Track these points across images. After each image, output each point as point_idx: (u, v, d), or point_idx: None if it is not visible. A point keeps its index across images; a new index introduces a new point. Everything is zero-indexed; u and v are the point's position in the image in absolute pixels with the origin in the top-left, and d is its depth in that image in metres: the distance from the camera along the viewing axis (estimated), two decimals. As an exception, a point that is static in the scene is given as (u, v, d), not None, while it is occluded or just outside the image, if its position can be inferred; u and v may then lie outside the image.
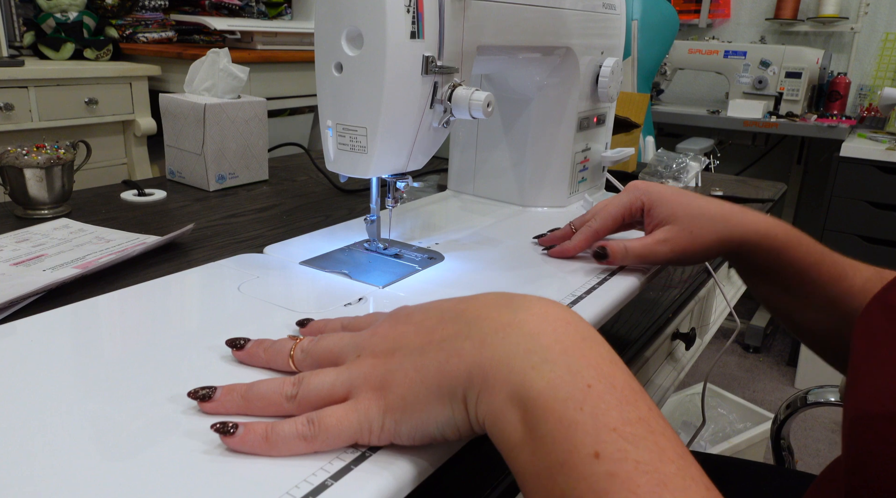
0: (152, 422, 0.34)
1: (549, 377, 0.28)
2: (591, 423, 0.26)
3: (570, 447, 0.26)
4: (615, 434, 0.26)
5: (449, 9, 0.52)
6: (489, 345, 0.30)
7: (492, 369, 0.29)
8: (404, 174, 0.57)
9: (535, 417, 0.27)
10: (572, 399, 0.27)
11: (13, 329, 0.44)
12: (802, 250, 0.53)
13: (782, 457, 0.88)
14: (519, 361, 0.29)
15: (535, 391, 0.28)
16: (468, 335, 0.31)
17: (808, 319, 0.56)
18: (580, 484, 0.25)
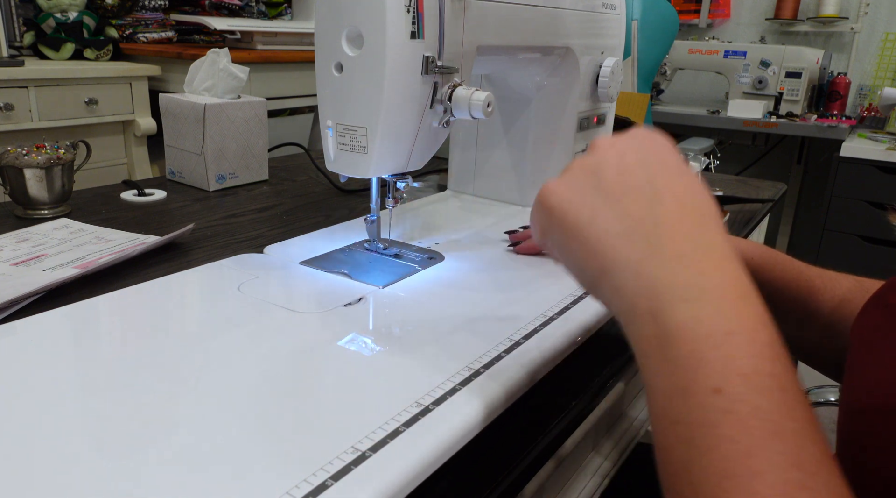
0: (153, 421, 0.34)
1: (695, 312, 0.29)
2: (720, 362, 0.27)
3: (694, 377, 0.27)
4: (741, 379, 0.27)
5: (449, 9, 0.52)
6: (657, 258, 0.30)
7: (647, 278, 0.30)
8: (404, 174, 0.57)
9: (669, 341, 0.28)
10: (711, 338, 0.28)
11: (13, 329, 0.44)
12: (779, 269, 0.54)
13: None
14: (675, 289, 0.29)
15: (676, 321, 0.29)
16: (647, 236, 0.31)
17: (792, 332, 0.58)
18: (695, 412, 0.26)
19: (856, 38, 2.55)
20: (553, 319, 0.49)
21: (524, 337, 0.46)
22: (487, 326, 0.47)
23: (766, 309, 0.30)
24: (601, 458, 0.59)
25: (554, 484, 0.49)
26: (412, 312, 0.50)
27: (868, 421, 0.32)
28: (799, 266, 0.55)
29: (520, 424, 0.41)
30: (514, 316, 0.49)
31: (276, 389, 0.38)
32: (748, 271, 0.31)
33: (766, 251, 0.56)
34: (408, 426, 0.35)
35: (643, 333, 0.30)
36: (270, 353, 0.42)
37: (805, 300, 0.54)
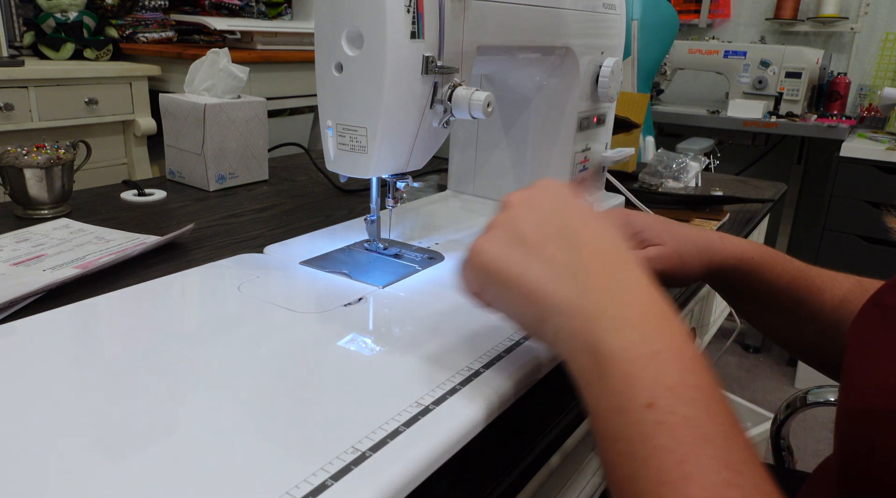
0: (152, 422, 0.34)
1: (623, 339, 0.32)
2: (650, 380, 0.30)
3: (628, 396, 0.30)
4: (670, 392, 0.29)
5: (449, 9, 0.52)
6: (586, 297, 0.34)
7: (580, 317, 0.34)
8: (404, 174, 0.57)
9: (604, 367, 0.32)
10: (639, 359, 0.31)
11: (13, 329, 0.44)
12: (779, 269, 0.55)
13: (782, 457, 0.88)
14: (605, 321, 0.33)
15: (609, 349, 0.32)
16: (574, 276, 0.35)
17: (792, 332, 0.58)
18: (632, 427, 0.29)
19: (856, 38, 2.55)
20: (553, 319, 0.49)
21: (524, 336, 0.46)
22: (487, 325, 0.47)
23: (686, 327, 0.34)
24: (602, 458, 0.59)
25: (554, 484, 0.49)
26: (412, 312, 0.50)
27: (866, 423, 0.32)
28: (799, 266, 0.56)
29: (520, 424, 0.41)
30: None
31: (276, 389, 0.38)
32: (665, 295, 0.35)
33: (767, 251, 0.56)
34: (408, 426, 0.35)
35: (583, 367, 0.33)
36: (270, 353, 0.42)
37: (805, 300, 0.54)
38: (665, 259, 0.55)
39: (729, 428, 0.29)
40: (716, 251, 0.55)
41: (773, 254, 0.56)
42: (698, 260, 0.55)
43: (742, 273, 0.55)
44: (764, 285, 0.55)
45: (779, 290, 0.55)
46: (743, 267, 0.55)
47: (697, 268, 0.55)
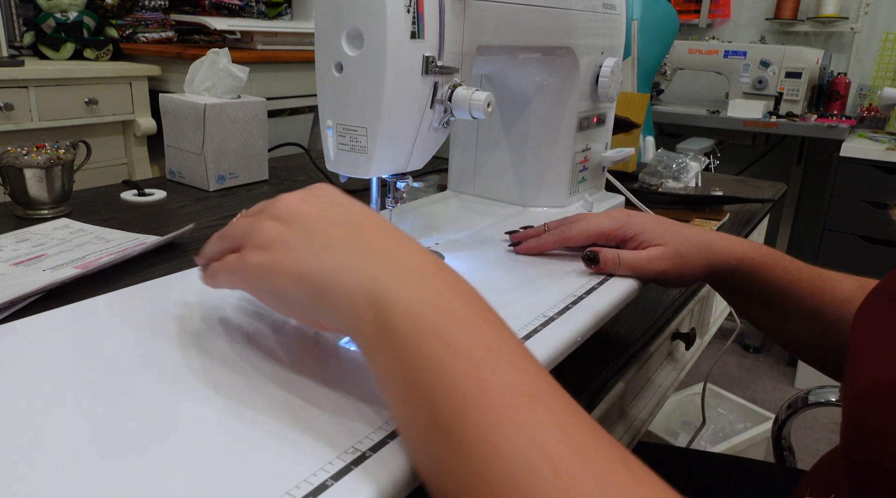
0: (152, 422, 0.34)
1: (404, 286, 0.32)
2: (435, 314, 0.31)
3: (416, 335, 0.31)
4: (459, 322, 0.31)
5: (449, 9, 0.52)
6: (367, 260, 0.34)
7: (359, 276, 0.33)
8: (404, 174, 0.57)
9: (387, 315, 0.32)
10: (422, 298, 0.32)
11: (13, 329, 0.44)
12: (779, 268, 0.55)
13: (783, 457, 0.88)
14: (384, 275, 0.33)
15: (390, 295, 0.32)
16: (355, 249, 0.35)
17: (793, 332, 0.58)
18: (427, 363, 0.30)
19: (856, 38, 2.55)
20: (553, 319, 0.49)
21: (524, 337, 0.46)
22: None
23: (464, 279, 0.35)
24: (601, 458, 0.59)
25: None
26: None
27: (879, 398, 0.33)
28: (800, 266, 0.56)
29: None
30: (514, 316, 0.49)
31: (276, 389, 0.38)
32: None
33: (768, 251, 0.56)
34: (408, 426, 0.35)
35: (365, 321, 0.32)
36: (270, 352, 0.42)
37: (805, 299, 0.55)
38: (666, 259, 0.55)
39: (523, 353, 0.31)
40: (716, 251, 0.55)
41: (774, 254, 0.56)
42: (699, 260, 0.55)
43: (743, 273, 0.55)
44: (764, 285, 0.55)
45: (779, 290, 0.55)
46: (744, 267, 0.55)
47: (698, 268, 0.55)
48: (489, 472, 0.26)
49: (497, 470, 0.26)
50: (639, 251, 0.56)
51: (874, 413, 0.33)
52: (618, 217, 0.58)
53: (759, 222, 0.99)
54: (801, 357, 0.62)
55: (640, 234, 0.56)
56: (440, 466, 0.29)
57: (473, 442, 0.27)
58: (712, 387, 1.85)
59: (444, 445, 0.28)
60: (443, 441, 0.28)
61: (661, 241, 0.56)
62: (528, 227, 0.65)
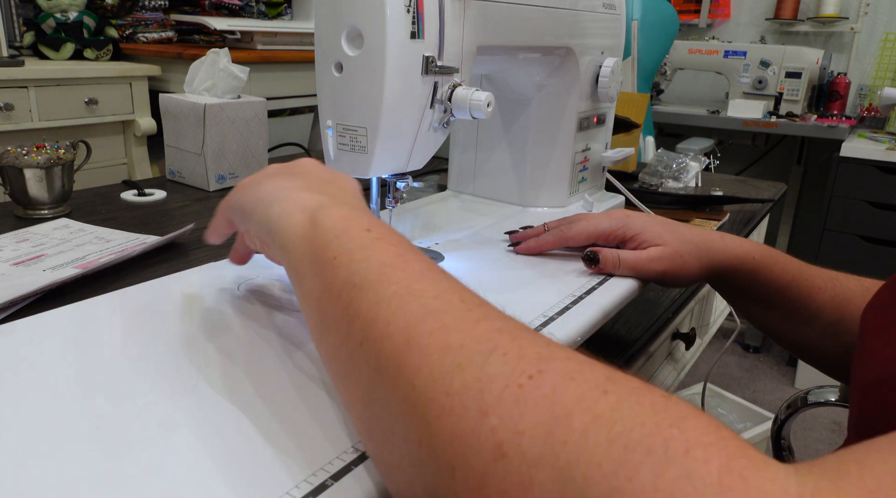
0: (152, 422, 0.34)
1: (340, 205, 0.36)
2: (365, 219, 0.35)
3: (347, 227, 0.34)
4: (384, 228, 0.34)
5: (449, 9, 0.52)
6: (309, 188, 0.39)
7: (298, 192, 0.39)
8: (404, 174, 0.57)
9: (318, 217, 0.35)
10: (353, 210, 0.36)
11: (13, 329, 0.44)
12: (779, 268, 0.55)
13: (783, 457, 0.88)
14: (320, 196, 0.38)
15: (323, 201, 0.37)
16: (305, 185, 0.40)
17: (793, 332, 0.58)
18: (354, 244, 0.32)
19: (856, 38, 2.55)
20: (553, 319, 0.49)
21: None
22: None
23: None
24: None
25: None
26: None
27: (885, 391, 0.33)
28: (799, 265, 0.56)
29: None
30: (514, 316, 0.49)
31: (277, 389, 0.38)
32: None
33: (767, 250, 0.56)
34: (408, 426, 0.35)
35: (297, 224, 0.36)
36: (270, 353, 0.42)
37: (805, 299, 0.55)
38: (666, 260, 0.55)
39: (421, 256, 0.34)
40: (716, 251, 0.55)
41: (774, 253, 0.56)
42: (699, 260, 0.55)
43: (742, 273, 0.55)
44: (764, 285, 0.55)
45: (779, 289, 0.55)
46: (743, 267, 0.55)
47: (698, 268, 0.55)
48: (402, 333, 0.27)
49: (409, 314, 0.28)
50: (639, 251, 0.56)
51: (882, 404, 0.33)
52: (617, 217, 0.58)
53: (759, 222, 0.99)
54: (801, 357, 0.62)
55: (640, 235, 0.56)
56: (357, 358, 0.29)
57: (391, 294, 0.29)
58: (712, 387, 1.85)
59: (363, 329, 0.29)
60: (362, 327, 0.29)
61: (660, 241, 0.56)
62: (527, 227, 0.65)
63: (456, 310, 0.28)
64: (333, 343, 0.31)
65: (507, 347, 0.25)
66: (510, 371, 0.23)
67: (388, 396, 0.26)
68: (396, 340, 0.27)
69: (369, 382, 0.28)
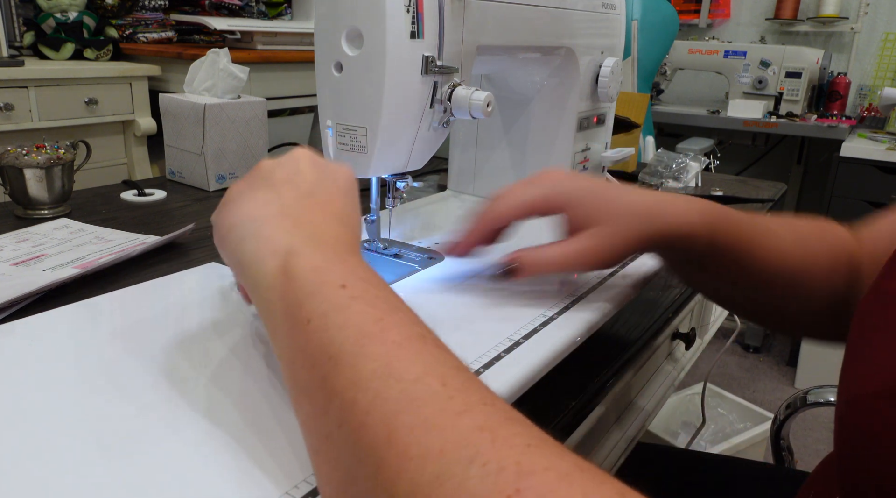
0: (152, 422, 0.34)
1: (313, 249, 0.34)
2: (340, 271, 0.33)
3: (320, 283, 0.32)
4: (361, 280, 0.32)
5: (449, 9, 0.52)
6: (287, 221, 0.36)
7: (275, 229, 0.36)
8: (404, 174, 0.57)
9: (292, 264, 0.33)
10: (327, 260, 0.33)
11: (13, 329, 0.44)
12: (732, 236, 0.49)
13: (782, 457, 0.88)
14: (297, 237, 0.35)
15: (297, 248, 0.34)
16: (285, 210, 0.37)
17: (753, 301, 0.54)
18: (326, 304, 0.31)
19: (856, 38, 2.55)
20: (553, 319, 0.49)
21: (524, 337, 0.46)
22: (487, 326, 0.47)
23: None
24: (601, 458, 0.59)
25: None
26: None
27: (874, 407, 0.32)
28: (762, 228, 0.50)
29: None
30: (513, 316, 0.49)
31: (276, 389, 0.38)
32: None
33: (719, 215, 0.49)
34: (408, 426, 0.35)
35: (270, 270, 0.34)
36: (270, 352, 0.42)
37: (768, 265, 0.50)
38: (596, 248, 0.48)
39: (418, 319, 0.31)
40: (659, 220, 0.48)
41: (727, 216, 0.49)
42: (636, 232, 0.48)
43: (691, 242, 0.49)
44: (719, 255, 0.50)
45: (737, 259, 0.50)
46: (694, 235, 0.49)
47: (634, 240, 0.49)
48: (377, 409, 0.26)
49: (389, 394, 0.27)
50: (563, 244, 0.49)
51: (871, 421, 0.32)
52: (545, 183, 0.50)
53: (759, 222, 0.99)
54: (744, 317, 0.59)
55: (573, 210, 0.49)
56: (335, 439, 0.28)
57: (370, 373, 0.27)
58: (712, 387, 1.85)
59: (341, 410, 0.27)
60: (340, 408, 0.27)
61: (592, 220, 0.48)
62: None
63: (437, 399, 0.26)
64: (308, 412, 0.30)
65: (488, 455, 0.24)
66: (488, 491, 0.23)
67: (366, 493, 0.26)
68: (376, 433, 0.26)
69: (347, 472, 0.27)
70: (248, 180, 0.40)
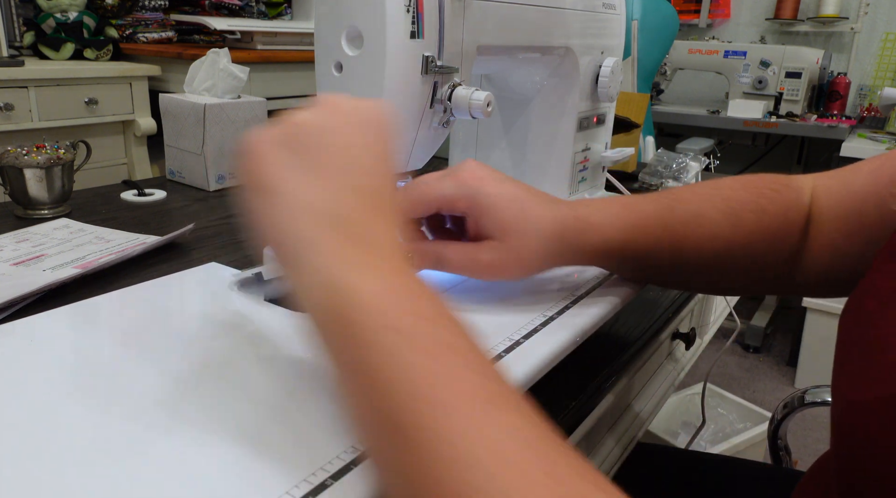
0: (152, 422, 0.34)
1: (363, 277, 0.30)
2: (389, 307, 0.29)
3: (368, 324, 0.29)
4: (412, 317, 0.29)
5: (449, 9, 0.52)
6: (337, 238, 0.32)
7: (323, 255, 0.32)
8: (404, 174, 0.57)
9: (340, 300, 0.30)
10: (378, 291, 0.30)
11: (13, 329, 0.44)
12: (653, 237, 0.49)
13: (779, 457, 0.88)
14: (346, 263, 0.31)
15: (347, 282, 0.30)
16: (337, 216, 0.33)
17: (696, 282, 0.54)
18: (374, 351, 0.28)
19: (856, 38, 2.55)
20: (553, 319, 0.49)
21: (524, 337, 0.46)
22: (487, 325, 0.47)
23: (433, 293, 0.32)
24: (601, 458, 0.59)
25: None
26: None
27: (872, 412, 0.32)
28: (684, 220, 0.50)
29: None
30: (513, 316, 0.49)
31: (276, 389, 0.38)
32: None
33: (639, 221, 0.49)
34: (407, 426, 0.35)
35: (318, 303, 0.31)
36: (270, 352, 0.42)
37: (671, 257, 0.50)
38: (500, 262, 0.48)
39: (483, 357, 0.29)
40: (570, 242, 0.48)
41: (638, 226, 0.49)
42: (543, 254, 0.48)
43: (612, 258, 0.50)
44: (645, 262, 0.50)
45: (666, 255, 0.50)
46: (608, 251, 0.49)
47: (540, 262, 0.49)
48: (447, 475, 0.24)
49: (455, 474, 0.24)
50: (467, 248, 0.48)
51: (870, 426, 0.32)
52: (466, 181, 0.48)
53: (759, 222, 0.99)
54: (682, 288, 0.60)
55: (482, 217, 0.47)
56: (395, 469, 0.27)
57: (428, 440, 0.25)
58: (712, 387, 1.85)
59: (398, 444, 0.26)
60: (396, 438, 0.26)
61: (499, 233, 0.47)
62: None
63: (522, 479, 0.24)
64: (368, 439, 0.28)
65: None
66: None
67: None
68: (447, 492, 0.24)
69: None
70: (288, 145, 0.36)
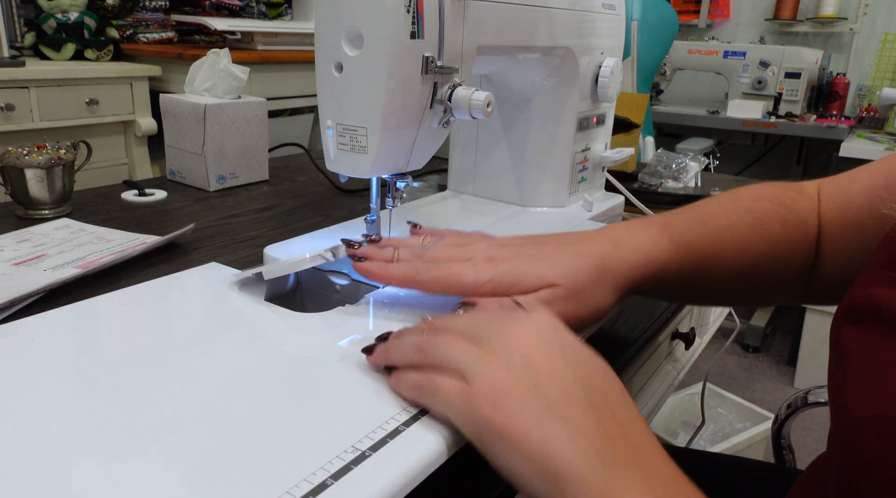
0: (152, 422, 0.34)
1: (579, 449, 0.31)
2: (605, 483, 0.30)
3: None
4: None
5: (449, 9, 0.52)
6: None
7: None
8: (404, 174, 0.57)
9: (560, 480, 0.30)
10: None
11: (13, 329, 0.44)
12: (695, 255, 0.48)
13: (783, 456, 0.88)
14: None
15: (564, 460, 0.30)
16: (596, 447, 0.32)
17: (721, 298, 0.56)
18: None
19: (855, 39, 2.55)
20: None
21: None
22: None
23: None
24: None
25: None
26: (412, 312, 0.50)
27: (880, 430, 0.31)
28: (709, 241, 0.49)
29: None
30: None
31: (276, 389, 0.38)
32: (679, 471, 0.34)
33: (669, 240, 0.48)
34: (408, 425, 0.35)
35: (527, 476, 0.31)
36: (270, 352, 0.43)
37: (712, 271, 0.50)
38: (561, 300, 0.44)
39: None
40: (615, 270, 0.45)
41: (682, 244, 0.48)
42: (601, 287, 0.45)
43: (652, 280, 0.47)
44: (678, 282, 0.49)
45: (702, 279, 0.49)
46: (650, 273, 0.47)
47: (603, 297, 0.45)
48: None
49: None
50: (530, 297, 0.44)
51: (876, 444, 0.32)
52: (487, 269, 0.45)
53: (759, 222, 0.99)
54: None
55: (519, 284, 0.44)
56: None
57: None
58: (712, 387, 1.85)
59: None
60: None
61: (546, 280, 0.44)
62: (371, 237, 0.53)
63: None
64: None
65: None
66: None
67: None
68: None
69: None
70: (510, 379, 0.33)
